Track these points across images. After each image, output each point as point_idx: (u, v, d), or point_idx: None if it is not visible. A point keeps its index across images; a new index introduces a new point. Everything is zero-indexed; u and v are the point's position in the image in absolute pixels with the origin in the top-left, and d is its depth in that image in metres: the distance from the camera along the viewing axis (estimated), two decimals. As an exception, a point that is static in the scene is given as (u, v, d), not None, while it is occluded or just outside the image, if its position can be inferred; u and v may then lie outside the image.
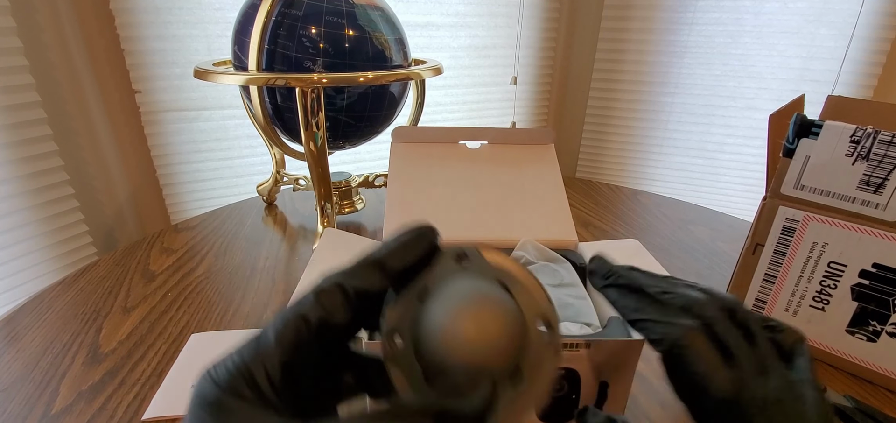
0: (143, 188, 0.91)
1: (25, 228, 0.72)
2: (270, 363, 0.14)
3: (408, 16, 0.98)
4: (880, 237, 0.36)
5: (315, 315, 0.15)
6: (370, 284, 0.16)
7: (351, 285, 0.16)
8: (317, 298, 0.16)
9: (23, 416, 0.34)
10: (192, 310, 0.47)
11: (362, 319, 0.17)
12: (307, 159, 0.53)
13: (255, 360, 0.14)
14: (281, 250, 0.59)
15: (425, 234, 0.18)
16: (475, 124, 1.15)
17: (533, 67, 1.21)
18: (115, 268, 0.54)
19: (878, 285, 0.37)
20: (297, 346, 0.15)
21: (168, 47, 0.81)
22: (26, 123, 0.70)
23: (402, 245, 0.17)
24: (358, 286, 0.16)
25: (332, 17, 0.50)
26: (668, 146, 1.23)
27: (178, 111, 0.86)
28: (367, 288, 0.16)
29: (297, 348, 0.15)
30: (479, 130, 0.48)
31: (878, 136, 0.34)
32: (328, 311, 0.15)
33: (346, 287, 0.16)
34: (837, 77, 1.03)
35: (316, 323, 0.15)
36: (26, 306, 0.47)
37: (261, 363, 0.14)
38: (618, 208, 0.75)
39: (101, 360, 0.40)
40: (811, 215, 0.39)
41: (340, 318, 0.16)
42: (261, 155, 0.95)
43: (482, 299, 0.16)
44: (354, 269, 0.17)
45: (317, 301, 0.16)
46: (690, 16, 1.10)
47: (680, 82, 1.16)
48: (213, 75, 0.50)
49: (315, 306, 0.15)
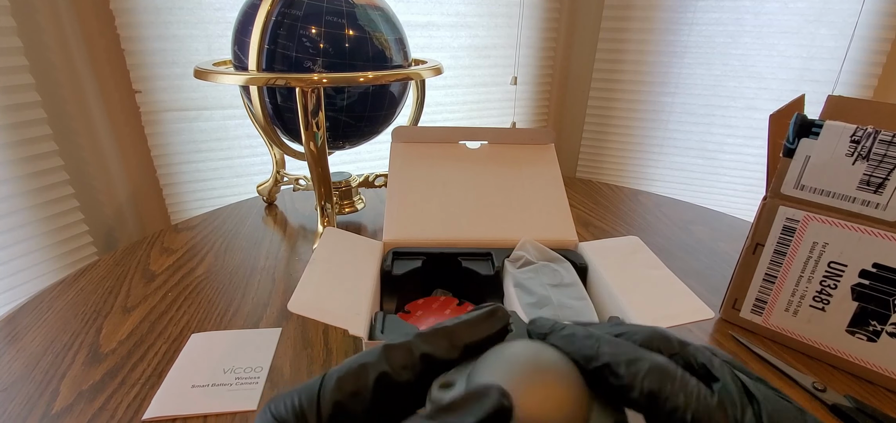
0: (144, 188, 0.91)
1: (25, 228, 0.72)
2: (325, 401, 0.15)
3: (408, 16, 0.98)
4: (880, 237, 0.36)
5: (378, 369, 0.16)
6: (438, 350, 0.17)
7: (419, 348, 0.17)
8: (384, 351, 0.16)
9: (23, 416, 0.34)
10: (193, 310, 0.47)
11: (427, 383, 0.17)
12: (307, 159, 0.53)
13: (310, 400, 0.15)
14: (281, 250, 0.59)
15: (498, 314, 0.18)
16: (475, 124, 1.15)
17: (533, 67, 1.21)
18: (115, 268, 0.54)
19: (879, 284, 0.37)
20: (355, 394, 0.15)
21: (168, 47, 0.81)
22: (26, 123, 0.70)
23: (475, 319, 0.18)
24: (426, 350, 0.17)
25: (332, 17, 0.50)
26: (668, 146, 1.23)
27: (179, 111, 0.86)
28: (434, 353, 0.17)
29: (354, 396, 0.15)
30: (479, 130, 0.48)
31: (878, 136, 0.34)
32: (393, 367, 0.16)
33: (414, 348, 0.17)
34: (838, 77, 1.03)
35: (376, 376, 0.16)
36: (26, 306, 0.47)
37: (314, 403, 0.15)
38: (618, 208, 0.75)
39: (102, 360, 0.40)
40: (811, 214, 0.39)
41: (403, 376, 0.16)
42: (261, 155, 0.95)
43: (547, 363, 0.15)
44: (427, 334, 0.17)
45: (383, 355, 0.16)
46: (690, 16, 1.10)
47: (680, 82, 1.16)
48: (214, 75, 0.50)
49: (380, 360, 0.16)
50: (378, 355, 0.16)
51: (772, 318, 0.43)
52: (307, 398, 0.15)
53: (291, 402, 0.15)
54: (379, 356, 0.16)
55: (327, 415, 0.15)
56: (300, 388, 0.16)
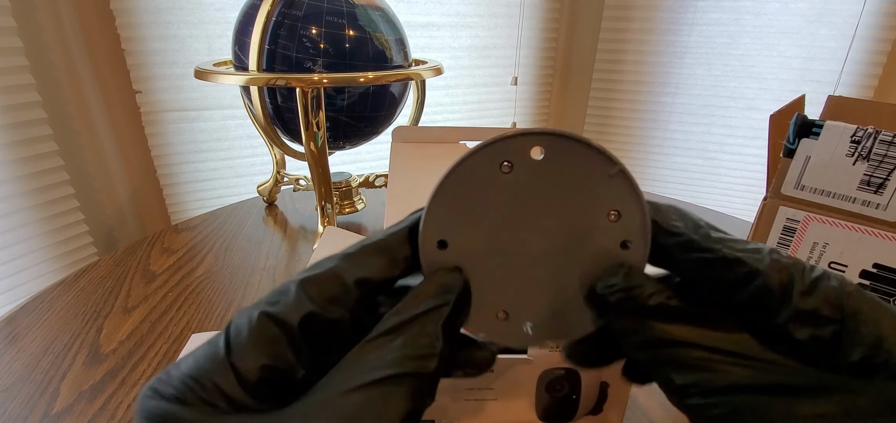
0: (144, 188, 0.91)
1: (26, 228, 0.72)
2: (246, 371, 0.12)
3: (408, 16, 0.98)
4: (881, 237, 0.36)
5: (299, 313, 0.13)
6: (374, 271, 0.14)
7: (351, 273, 0.14)
8: (301, 287, 0.13)
9: (24, 416, 0.34)
10: (193, 310, 0.47)
11: (365, 316, 0.14)
12: (307, 160, 0.53)
13: (221, 372, 0.12)
14: (281, 250, 0.59)
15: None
16: (476, 124, 1.15)
17: (533, 68, 1.21)
18: (115, 268, 0.54)
19: (879, 285, 0.37)
20: (277, 358, 0.13)
21: (168, 47, 0.81)
22: (26, 124, 0.70)
23: (412, 226, 0.15)
24: (360, 275, 0.14)
25: (332, 18, 0.50)
26: (668, 146, 1.23)
27: (179, 111, 0.86)
28: (371, 275, 0.14)
29: (277, 360, 0.13)
30: (479, 130, 0.48)
31: (878, 136, 0.34)
32: (318, 303, 0.13)
33: (343, 274, 0.14)
34: (838, 77, 1.03)
35: (299, 321, 0.13)
36: (27, 306, 0.47)
37: (229, 373, 0.12)
38: (618, 209, 0.75)
39: (102, 360, 0.40)
40: (812, 215, 0.39)
41: (334, 313, 0.13)
42: (261, 155, 0.95)
43: None
44: (354, 254, 0.14)
45: (300, 293, 0.13)
46: (691, 16, 1.10)
47: (680, 83, 1.16)
48: (214, 75, 0.50)
49: (299, 301, 0.13)
50: (294, 296, 0.13)
51: (772, 318, 0.43)
52: (216, 372, 0.12)
53: (190, 380, 0.12)
54: (295, 296, 0.13)
55: (254, 380, 0.12)
56: (196, 362, 0.13)
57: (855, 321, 0.12)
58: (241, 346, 0.12)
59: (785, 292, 0.13)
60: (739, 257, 0.13)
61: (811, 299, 0.12)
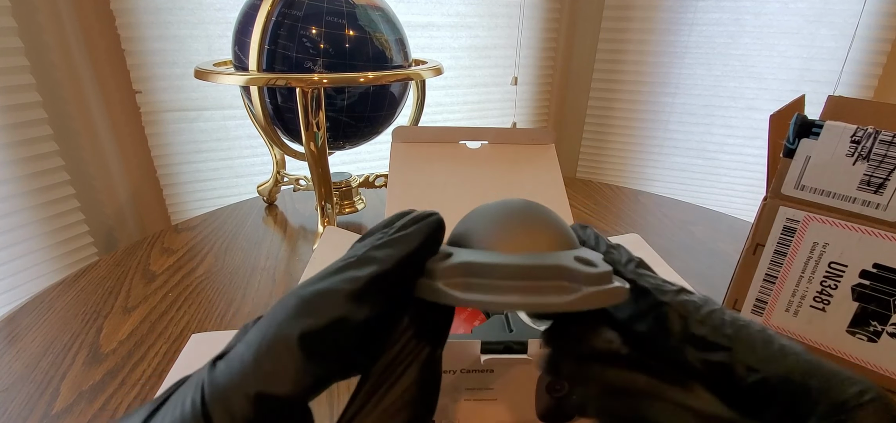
0: (144, 188, 0.91)
1: (26, 228, 0.72)
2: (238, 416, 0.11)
3: (408, 16, 0.98)
4: (881, 237, 0.36)
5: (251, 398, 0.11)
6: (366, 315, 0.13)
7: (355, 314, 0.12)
8: (257, 364, 0.11)
9: (24, 416, 0.34)
10: (193, 310, 0.47)
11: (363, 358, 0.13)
12: (307, 160, 0.53)
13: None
14: (281, 250, 0.59)
15: (414, 214, 0.15)
16: (476, 124, 1.15)
17: (533, 68, 1.21)
18: (115, 268, 0.54)
19: (879, 285, 0.37)
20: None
21: (168, 48, 0.81)
22: (27, 124, 0.70)
23: (409, 226, 0.15)
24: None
25: (332, 18, 0.50)
26: (668, 147, 1.23)
27: (179, 111, 0.86)
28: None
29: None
30: (479, 130, 0.48)
31: (878, 136, 0.34)
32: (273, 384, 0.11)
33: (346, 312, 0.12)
34: (838, 78, 1.03)
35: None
36: (27, 306, 0.47)
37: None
38: (618, 209, 0.75)
39: (102, 360, 0.40)
40: (812, 215, 0.39)
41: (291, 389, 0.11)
42: (261, 155, 0.95)
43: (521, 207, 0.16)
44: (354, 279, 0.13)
45: (258, 369, 0.11)
46: (691, 16, 1.10)
47: (680, 83, 1.16)
48: (214, 75, 0.50)
49: (256, 378, 0.11)
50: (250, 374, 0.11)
51: (772, 318, 0.43)
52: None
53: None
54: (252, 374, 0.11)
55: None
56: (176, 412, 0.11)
57: (741, 346, 0.13)
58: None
59: (683, 321, 0.14)
60: (647, 288, 0.15)
61: (703, 328, 0.14)
